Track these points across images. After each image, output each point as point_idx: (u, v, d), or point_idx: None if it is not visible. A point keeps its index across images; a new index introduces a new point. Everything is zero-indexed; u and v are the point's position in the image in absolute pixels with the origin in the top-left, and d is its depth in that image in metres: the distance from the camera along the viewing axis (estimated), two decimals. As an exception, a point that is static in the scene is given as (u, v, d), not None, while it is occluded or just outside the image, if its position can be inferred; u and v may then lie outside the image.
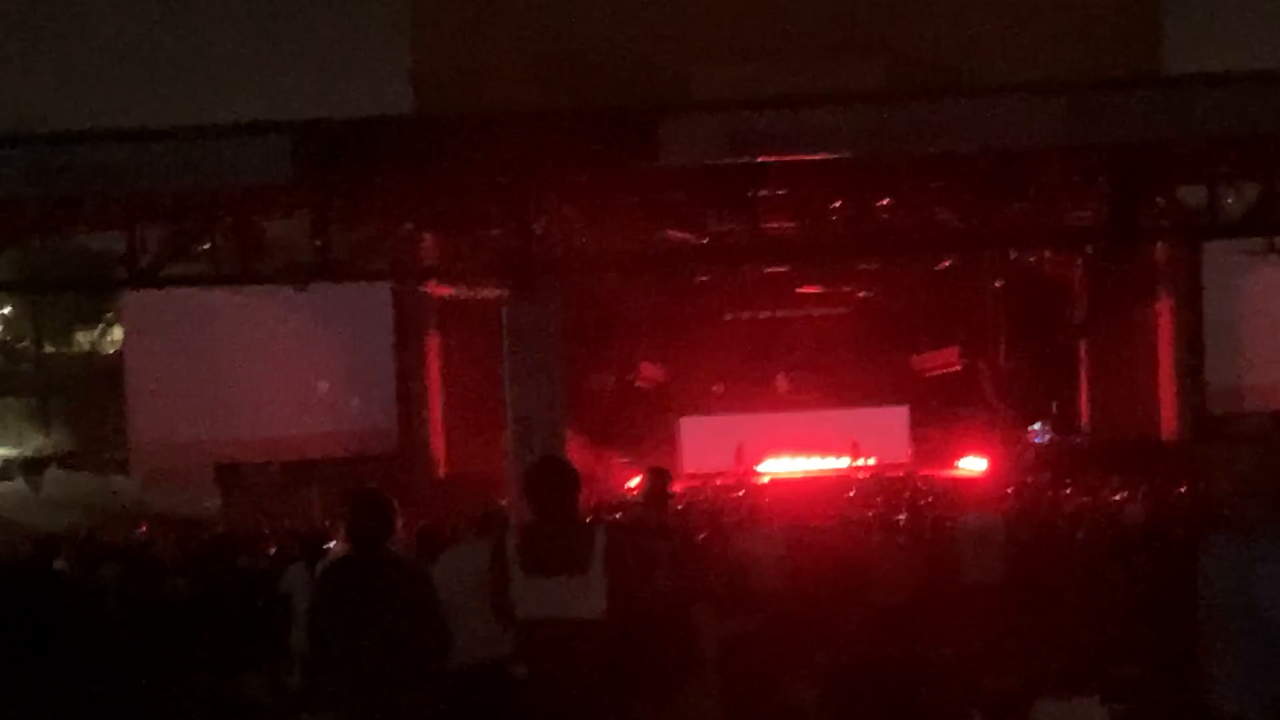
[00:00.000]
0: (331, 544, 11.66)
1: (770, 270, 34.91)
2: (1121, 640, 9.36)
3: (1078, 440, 37.73)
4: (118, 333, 47.06)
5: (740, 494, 31.24)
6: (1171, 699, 7.24)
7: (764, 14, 34.25)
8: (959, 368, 40.65)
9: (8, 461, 47.59)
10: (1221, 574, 6.00)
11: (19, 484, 43.06)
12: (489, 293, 27.59)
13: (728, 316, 40.74)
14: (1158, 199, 23.23)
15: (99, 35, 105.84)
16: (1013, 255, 35.02)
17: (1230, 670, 6.08)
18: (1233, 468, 7.29)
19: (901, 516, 20.03)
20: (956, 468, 38.23)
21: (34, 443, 49.24)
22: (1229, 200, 24.05)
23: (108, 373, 44.42)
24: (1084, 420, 38.30)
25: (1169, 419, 36.12)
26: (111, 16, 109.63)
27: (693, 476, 36.88)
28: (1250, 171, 23.48)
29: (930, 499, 27.08)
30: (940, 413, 40.76)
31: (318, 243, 22.97)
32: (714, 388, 41.25)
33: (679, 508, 22.54)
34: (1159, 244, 31.54)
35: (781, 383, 41.08)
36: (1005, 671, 7.71)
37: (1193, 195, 24.47)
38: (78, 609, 11.26)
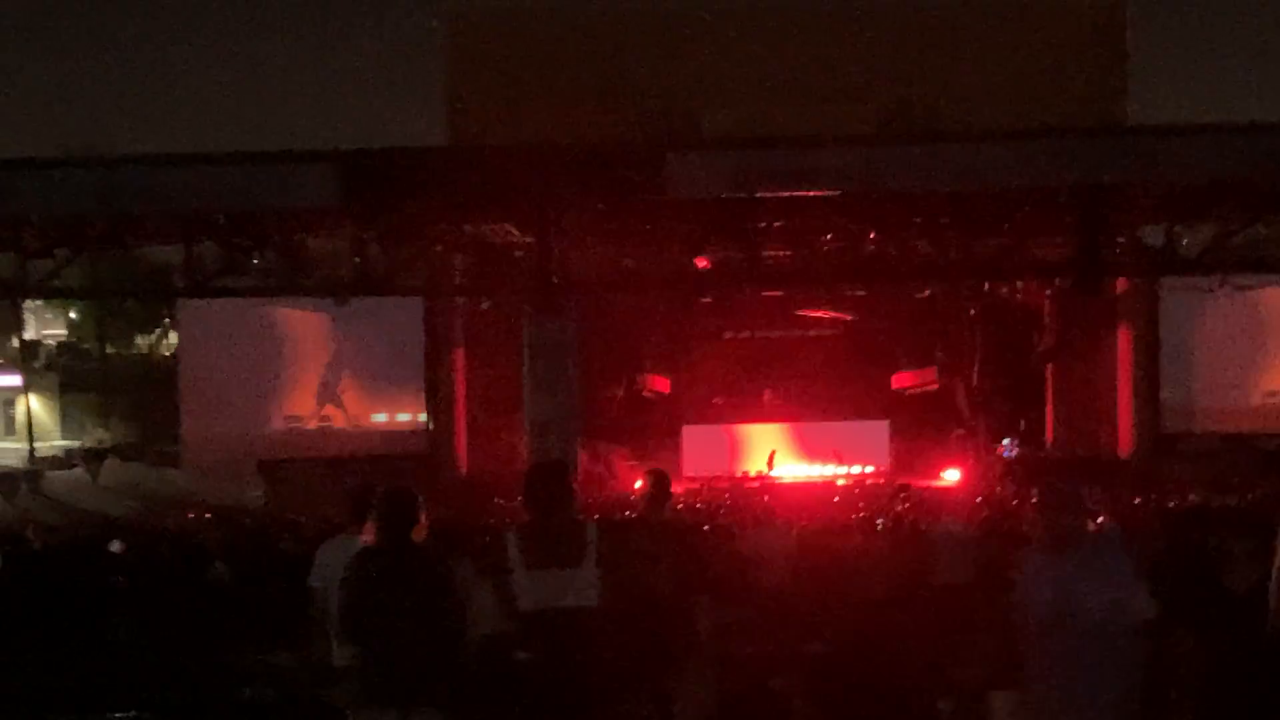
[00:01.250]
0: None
1: (767, 294, 34.93)
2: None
3: (1043, 455, 37.70)
4: (174, 338, 47.17)
5: (764, 497, 31.24)
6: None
7: (765, 62, 34.31)
8: (936, 387, 40.64)
9: (70, 451, 47.65)
10: (1040, 587, 5.95)
11: (80, 472, 43.07)
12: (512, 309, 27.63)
13: (727, 335, 40.78)
14: (1120, 237, 23.23)
15: (162, 68, 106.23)
16: (987, 286, 35.05)
17: (1052, 680, 6.02)
18: (1045, 484, 7.11)
19: (881, 521, 19.98)
20: (932, 478, 38.19)
21: (95, 435, 49.30)
22: (1185, 240, 24.06)
23: (164, 374, 44.54)
24: (1049, 437, 38.28)
25: (1126, 437, 36.15)
26: (174, 51, 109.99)
27: (692, 479, 36.93)
28: (1205, 214, 23.50)
29: (908, 505, 27.04)
30: (918, 427, 40.75)
31: (357, 260, 23.01)
32: (714, 400, 41.27)
33: (679, 506, 22.56)
34: (1121, 278, 31.49)
35: (770, 397, 41.07)
36: (970, 663, 7.69)
37: (1152, 235, 24.49)
38: (132, 588, 11.31)
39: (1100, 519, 16.14)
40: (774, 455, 39.67)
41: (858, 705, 5.67)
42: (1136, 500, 26.07)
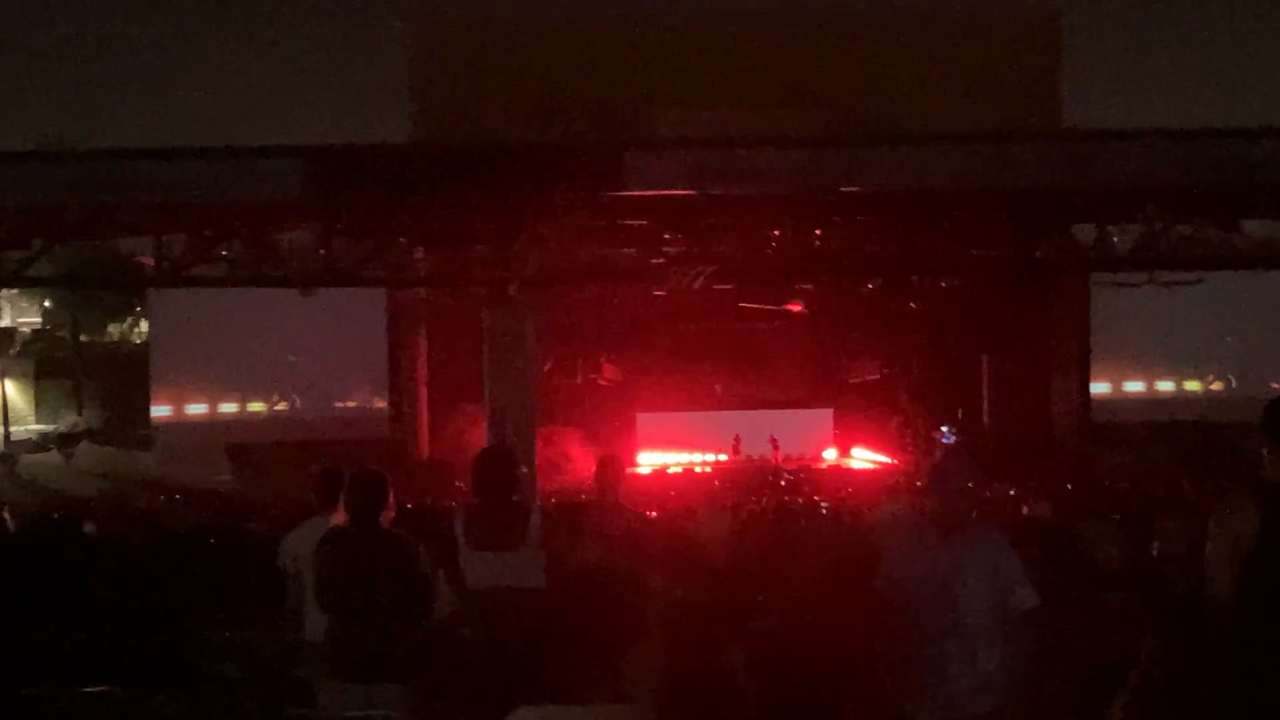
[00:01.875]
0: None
1: (718, 287, 34.96)
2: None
3: (980, 442, 37.92)
4: (144, 325, 46.89)
5: (714, 482, 31.25)
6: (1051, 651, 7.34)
7: (716, 66, 34.34)
8: (878, 377, 40.81)
9: (45, 435, 47.39)
10: (925, 570, 5.73)
11: (55, 455, 42.86)
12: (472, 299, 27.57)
13: (680, 326, 40.81)
14: (1054, 236, 23.36)
15: (134, 63, 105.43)
16: (928, 282, 35.19)
17: (939, 663, 5.89)
18: (937, 468, 7.06)
19: (825, 504, 20.07)
20: (874, 463, 38.38)
21: (69, 420, 49.05)
22: (1116, 238, 24.21)
23: (135, 360, 44.28)
24: (986, 425, 38.52)
25: (1058, 425, 36.40)
26: (146, 49, 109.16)
27: (646, 465, 37.08)
28: (1134, 214, 23.67)
29: (851, 490, 27.19)
30: (862, 416, 40.90)
31: (323, 252, 22.92)
32: (667, 389, 41.27)
33: (631, 490, 22.55)
34: (1054, 275, 31.67)
35: (721, 387, 41.11)
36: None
37: (1084, 234, 24.63)
38: (104, 567, 11.24)
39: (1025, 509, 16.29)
40: (739, 440, 39.73)
41: (805, 678, 5.66)
42: (1069, 484, 26.31)
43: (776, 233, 26.29)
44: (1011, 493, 25.65)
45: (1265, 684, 5.01)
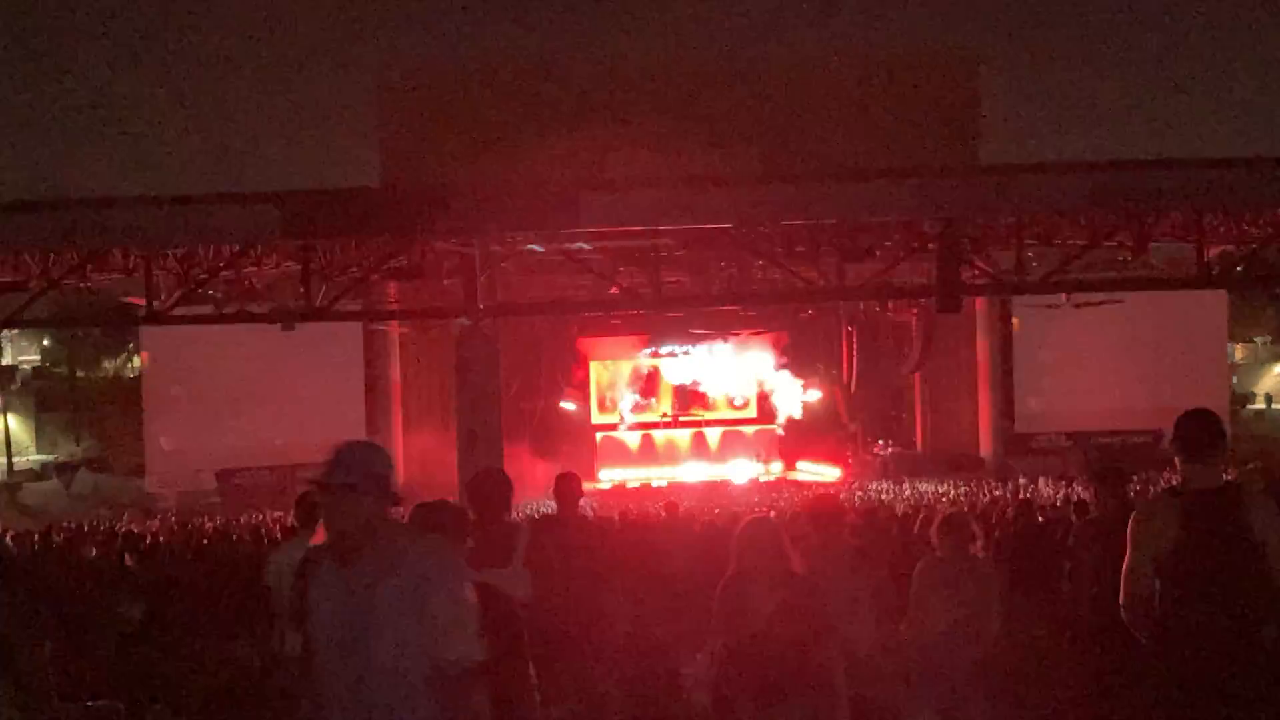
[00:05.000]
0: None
1: (669, 315, 35.06)
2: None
3: (913, 453, 38.12)
4: (137, 361, 46.61)
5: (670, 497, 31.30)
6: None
7: (663, 110, 34.42)
8: (819, 395, 40.95)
9: (45, 464, 47.03)
10: (332, 606, 4.30)
11: (54, 483, 42.55)
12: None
13: (637, 352, 41.00)
14: (976, 261, 23.48)
15: (121, 116, 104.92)
16: (861, 306, 35.37)
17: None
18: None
19: (773, 513, 20.08)
20: (817, 474, 38.49)
21: (67, 449, 48.73)
22: (1033, 263, 24.37)
23: (129, 393, 44.02)
24: (918, 438, 38.73)
25: (985, 437, 36.61)
26: (133, 102, 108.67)
27: (605, 482, 37.15)
28: (1049, 240, 23.85)
29: (796, 499, 27.23)
30: (805, 431, 41.01)
31: (302, 290, 22.83)
32: (624, 409, 41.34)
33: (593, 506, 22.56)
34: (977, 298, 31.86)
35: (676, 405, 41.21)
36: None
37: (1005, 259, 24.80)
38: (101, 587, 11.15)
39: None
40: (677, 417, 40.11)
41: (764, 681, 5.67)
42: (996, 490, 26.48)
43: (722, 264, 26.39)
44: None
45: (1184, 688, 5.02)
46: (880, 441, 39.29)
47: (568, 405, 40.43)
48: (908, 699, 6.98)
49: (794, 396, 41.04)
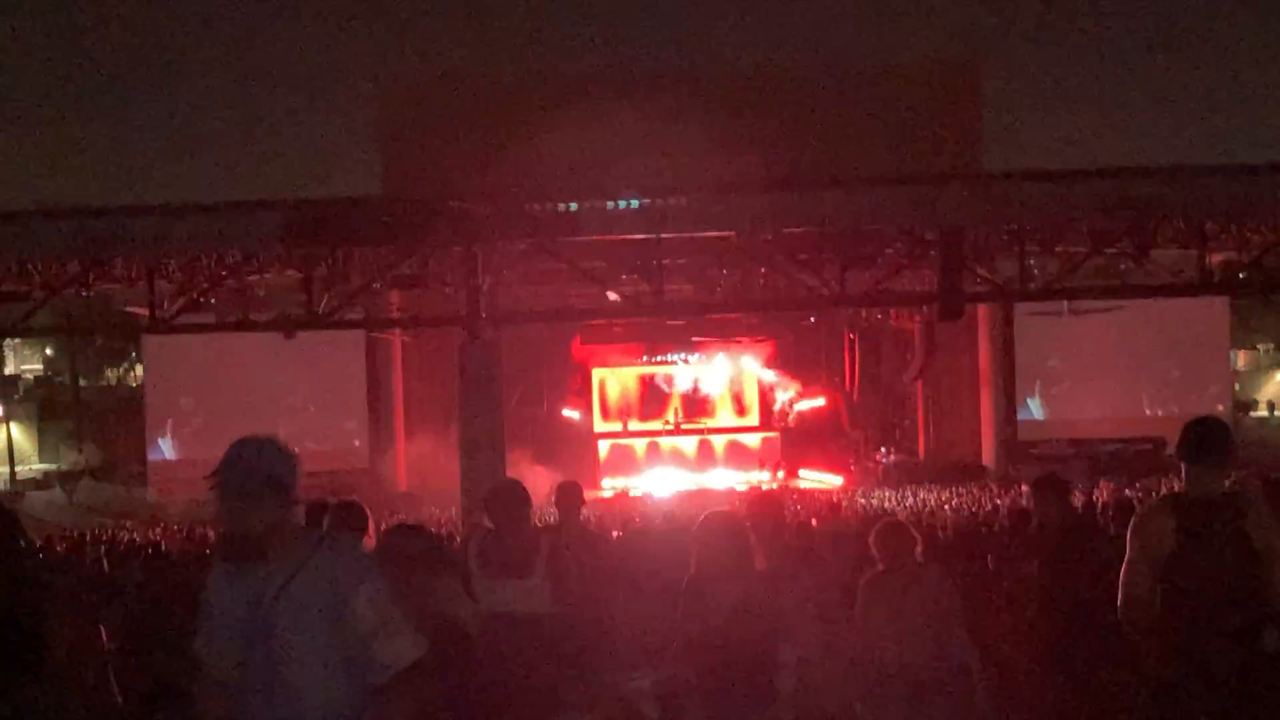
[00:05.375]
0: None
1: (671, 323, 35.05)
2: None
3: (915, 461, 38.08)
4: (139, 370, 46.64)
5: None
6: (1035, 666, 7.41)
7: (665, 118, 34.40)
8: (821, 402, 40.92)
9: (48, 474, 47.05)
10: (233, 614, 3.98)
11: (57, 492, 42.55)
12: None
13: (639, 359, 40.99)
14: (978, 269, 23.48)
15: (124, 128, 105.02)
16: (864, 314, 35.37)
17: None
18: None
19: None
20: (819, 481, 38.45)
21: (70, 459, 48.70)
22: (1036, 270, 24.37)
23: (131, 402, 44.03)
24: (921, 446, 38.68)
25: (987, 445, 36.57)
26: (136, 113, 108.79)
27: (609, 489, 37.07)
28: (1051, 247, 23.85)
29: (797, 507, 27.18)
30: (807, 439, 40.97)
31: (304, 298, 22.85)
32: (626, 417, 41.28)
33: (596, 514, 22.55)
34: (979, 305, 31.85)
35: (678, 414, 41.08)
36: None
37: (1007, 267, 24.79)
38: (106, 596, 11.13)
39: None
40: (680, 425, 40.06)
41: (716, 679, 5.60)
42: (997, 499, 26.44)
43: (725, 272, 26.41)
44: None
45: (1183, 691, 5.03)
46: (882, 449, 39.27)
47: (570, 413, 40.42)
48: (863, 711, 6.66)
49: (796, 404, 41.08)
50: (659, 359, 40.88)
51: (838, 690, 6.38)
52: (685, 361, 40.72)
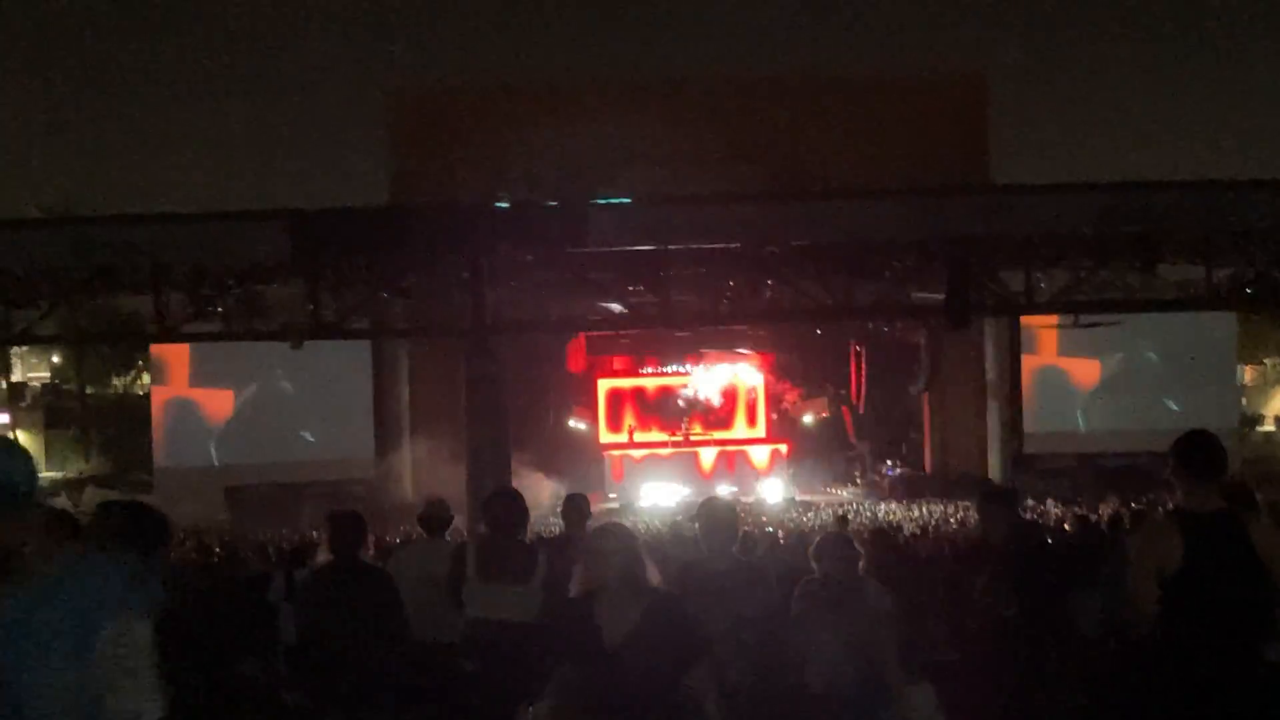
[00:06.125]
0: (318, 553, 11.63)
1: (677, 334, 35.06)
2: (946, 632, 9.27)
3: (921, 474, 38.05)
4: (146, 378, 46.69)
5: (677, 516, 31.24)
6: (981, 682, 7.23)
7: (671, 128, 34.48)
8: (827, 414, 40.93)
9: (54, 482, 47.07)
10: None
11: (63, 500, 42.53)
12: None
13: (644, 370, 41.04)
14: (985, 281, 23.46)
15: (132, 135, 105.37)
16: (870, 326, 35.36)
17: None
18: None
19: (780, 532, 20.04)
20: (824, 493, 38.45)
21: (76, 466, 48.74)
22: (1042, 283, 24.35)
23: (137, 410, 44.07)
24: (927, 458, 38.63)
25: (993, 458, 36.52)
26: (144, 120, 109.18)
27: (615, 500, 37.11)
28: (1058, 260, 23.83)
29: (804, 518, 27.24)
30: (813, 451, 40.99)
31: (310, 307, 22.87)
32: (633, 428, 41.28)
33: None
34: (986, 318, 31.83)
35: (686, 425, 41.03)
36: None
37: (1013, 278, 24.77)
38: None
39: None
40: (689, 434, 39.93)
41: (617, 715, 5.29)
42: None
43: (731, 283, 26.39)
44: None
45: (1185, 707, 5.03)
46: (889, 462, 39.25)
47: (577, 424, 40.43)
48: None
49: (801, 416, 41.08)
50: (665, 370, 40.93)
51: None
52: (691, 373, 40.74)
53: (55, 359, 57.53)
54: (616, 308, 25.10)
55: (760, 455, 40.38)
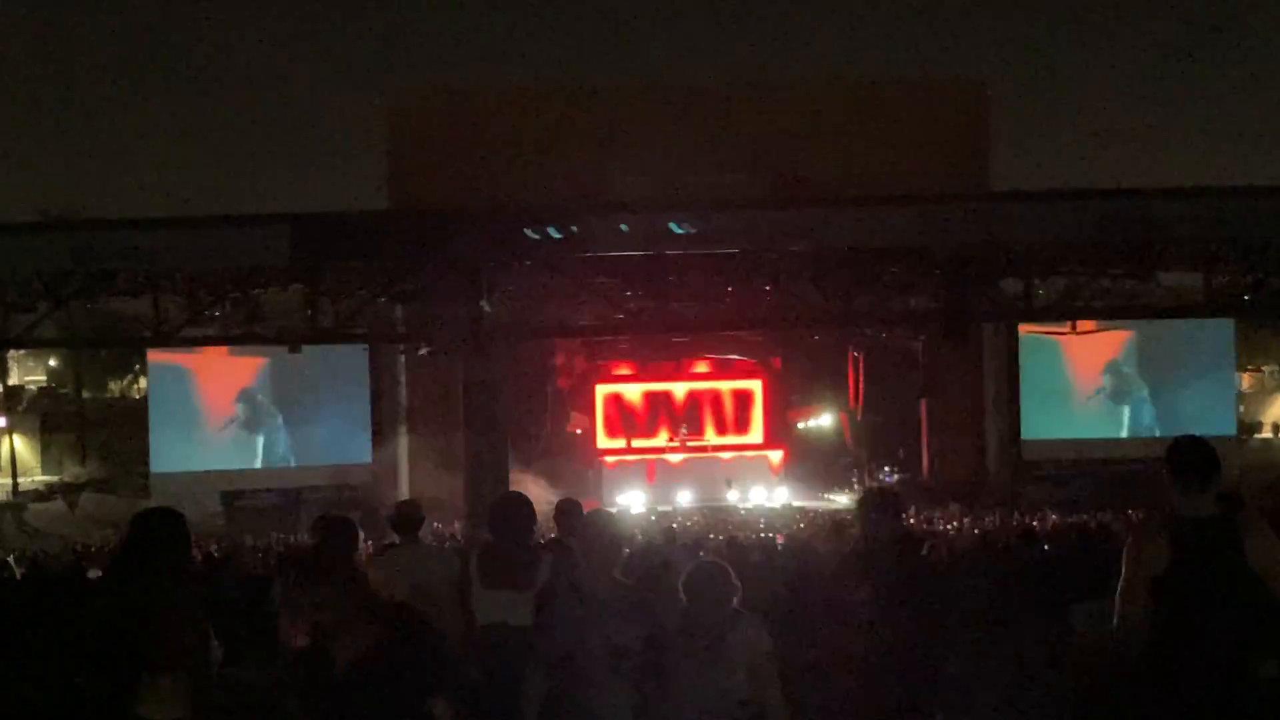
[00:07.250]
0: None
1: (675, 340, 35.05)
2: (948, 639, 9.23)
3: (920, 480, 38.03)
4: (143, 382, 46.65)
5: (672, 523, 31.21)
6: (987, 690, 7.18)
7: (670, 134, 34.47)
8: (825, 421, 40.94)
9: (51, 486, 47.03)
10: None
11: (60, 504, 42.51)
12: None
13: (643, 376, 41.02)
14: (983, 288, 23.50)
15: (131, 139, 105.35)
16: (869, 332, 35.37)
17: None
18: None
19: (780, 539, 20.04)
20: (822, 499, 38.40)
21: (73, 470, 48.63)
22: (1040, 291, 24.38)
23: (134, 414, 43.99)
24: (925, 464, 38.61)
25: (992, 465, 36.52)
26: (142, 124, 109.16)
27: (612, 507, 36.99)
28: (1056, 267, 23.87)
29: (801, 525, 27.19)
30: (811, 457, 40.96)
31: (309, 311, 22.90)
32: (631, 435, 41.22)
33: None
34: (985, 325, 31.84)
35: (685, 431, 40.94)
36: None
37: (1011, 286, 24.81)
38: (107, 608, 11.13)
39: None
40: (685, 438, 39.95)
41: None
42: (999, 517, 26.45)
43: (730, 289, 26.43)
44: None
45: (1176, 711, 5.04)
46: (886, 468, 39.23)
47: (575, 429, 40.42)
48: None
49: (800, 421, 41.08)
50: (663, 375, 40.90)
51: None
52: (689, 378, 40.72)
53: (52, 363, 57.44)
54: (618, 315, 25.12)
55: (757, 461, 40.36)
